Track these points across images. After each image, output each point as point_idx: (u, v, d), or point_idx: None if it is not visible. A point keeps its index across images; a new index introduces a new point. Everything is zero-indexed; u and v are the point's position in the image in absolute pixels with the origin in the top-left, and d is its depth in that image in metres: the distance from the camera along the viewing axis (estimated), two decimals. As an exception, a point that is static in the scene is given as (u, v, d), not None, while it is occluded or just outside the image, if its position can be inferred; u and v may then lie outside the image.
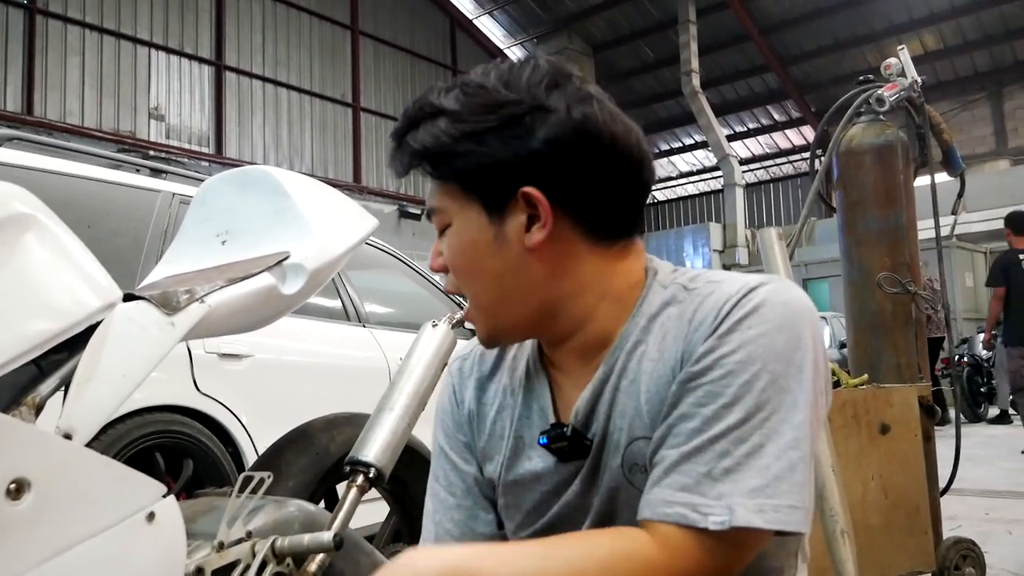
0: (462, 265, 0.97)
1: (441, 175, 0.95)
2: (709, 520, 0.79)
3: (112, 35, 13.91)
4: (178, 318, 1.34)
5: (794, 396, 0.85)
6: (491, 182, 0.93)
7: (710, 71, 19.35)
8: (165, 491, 1.17)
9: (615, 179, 0.95)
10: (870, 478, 2.79)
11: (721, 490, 0.81)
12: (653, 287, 0.98)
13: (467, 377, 1.13)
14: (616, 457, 0.94)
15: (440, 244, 0.99)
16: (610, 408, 0.95)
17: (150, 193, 3.41)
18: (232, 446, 3.31)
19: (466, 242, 0.95)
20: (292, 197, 1.66)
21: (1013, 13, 16.99)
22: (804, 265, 13.12)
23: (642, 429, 0.92)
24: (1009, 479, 6.12)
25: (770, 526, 0.80)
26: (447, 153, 0.92)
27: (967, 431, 8.96)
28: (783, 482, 0.81)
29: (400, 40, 18.94)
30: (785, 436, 0.83)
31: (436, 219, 0.99)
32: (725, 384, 0.84)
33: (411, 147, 0.95)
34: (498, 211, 0.93)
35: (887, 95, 3.18)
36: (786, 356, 0.85)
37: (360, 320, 4.09)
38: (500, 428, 1.06)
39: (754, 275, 0.94)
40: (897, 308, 3.11)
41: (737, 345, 0.85)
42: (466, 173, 0.93)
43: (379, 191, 17.76)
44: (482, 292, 0.97)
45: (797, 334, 0.87)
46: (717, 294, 0.91)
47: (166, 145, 14.23)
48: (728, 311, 0.88)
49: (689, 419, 0.85)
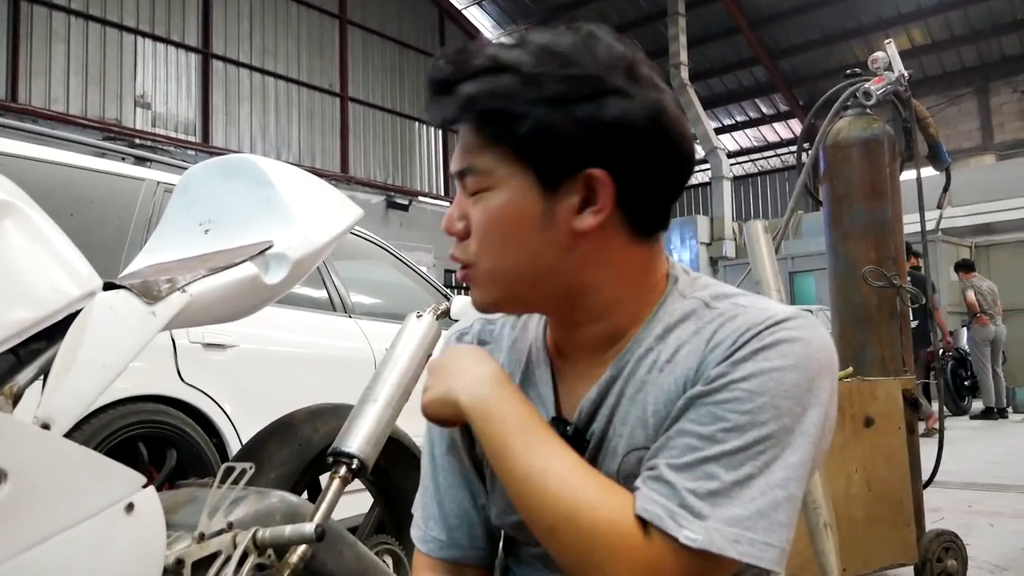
0: (497, 233, 0.91)
1: (496, 135, 0.88)
2: (682, 533, 0.79)
3: (98, 22, 13.80)
4: (159, 307, 1.32)
5: (794, 437, 0.83)
6: (554, 155, 0.88)
7: (699, 64, 19.35)
8: (144, 482, 1.16)
9: (671, 175, 0.92)
10: (854, 471, 2.81)
11: (703, 510, 0.80)
12: (672, 295, 0.96)
13: None
14: (612, 462, 0.93)
15: (464, 206, 0.94)
16: (612, 411, 0.94)
17: (134, 181, 3.38)
18: (216, 436, 3.29)
19: (509, 212, 0.90)
20: (276, 186, 1.65)
21: (1000, 8, 17.05)
22: (791, 258, 13.16)
23: (643, 440, 0.91)
24: (991, 472, 6.18)
25: (742, 558, 0.79)
26: (512, 114, 0.86)
27: (950, 424, 9.05)
28: (764, 518, 0.81)
29: (388, 30, 18.86)
30: (776, 473, 0.82)
31: (472, 180, 0.92)
32: (729, 409, 0.83)
33: (467, 97, 0.88)
34: (552, 186, 0.89)
35: (874, 89, 3.18)
36: (795, 395, 0.84)
37: (346, 310, 4.07)
38: None
39: (783, 307, 0.91)
40: (882, 301, 3.12)
41: (749, 373, 0.84)
42: (528, 139, 0.87)
43: (366, 181, 17.70)
44: (510, 265, 0.92)
45: (811, 376, 0.85)
46: (741, 319, 0.89)
47: (152, 133, 14.13)
48: (748, 339, 0.86)
49: (687, 435, 0.84)
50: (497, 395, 0.92)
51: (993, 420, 9.87)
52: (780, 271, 2.28)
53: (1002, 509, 4.85)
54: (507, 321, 1.10)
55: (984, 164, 17.26)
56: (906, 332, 3.18)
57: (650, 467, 0.86)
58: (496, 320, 1.12)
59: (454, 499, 1.08)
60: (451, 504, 1.08)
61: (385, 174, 18.39)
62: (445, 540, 1.07)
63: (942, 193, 3.67)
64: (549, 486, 0.85)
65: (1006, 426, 9.49)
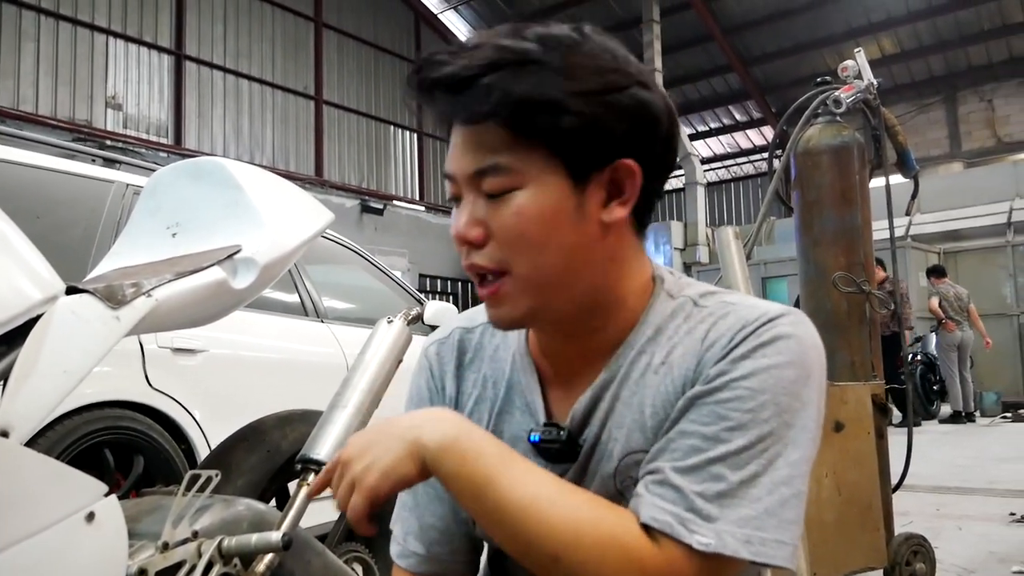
0: (535, 235, 0.86)
1: (526, 131, 0.84)
2: (694, 539, 0.79)
3: (69, 21, 13.63)
4: (123, 312, 1.30)
5: (796, 432, 0.84)
6: (588, 148, 0.86)
7: (673, 70, 19.45)
8: (106, 490, 1.14)
9: (670, 169, 0.95)
10: (824, 475, 2.82)
11: (712, 512, 0.80)
12: (660, 296, 0.96)
13: (446, 362, 1.08)
14: (608, 466, 0.92)
15: (478, 211, 0.88)
16: (606, 416, 0.93)
17: (103, 183, 3.34)
18: (185, 443, 3.26)
19: (545, 209, 0.86)
20: (245, 190, 1.63)
21: (967, 19, 17.29)
22: (763, 264, 13.24)
23: (641, 443, 0.90)
24: (959, 475, 6.24)
25: (755, 559, 0.79)
26: (549, 108, 0.83)
27: (920, 428, 9.14)
28: (773, 517, 0.81)
29: (364, 33, 18.79)
30: (780, 471, 0.82)
31: (496, 180, 0.86)
32: (732, 408, 0.83)
33: (500, 93, 0.83)
34: (583, 180, 0.87)
35: (844, 97, 3.21)
36: (794, 391, 0.85)
37: (318, 315, 4.05)
38: (476, 420, 1.02)
39: (773, 304, 0.92)
40: (852, 307, 3.15)
41: (749, 372, 0.84)
42: (564, 134, 0.84)
43: (341, 185, 17.61)
44: (545, 267, 0.88)
45: (808, 371, 0.86)
46: (733, 317, 0.89)
47: (123, 135, 13.98)
48: (745, 336, 0.86)
49: (690, 436, 0.84)
50: (467, 431, 0.85)
51: (961, 424, 9.99)
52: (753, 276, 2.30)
53: (970, 512, 4.90)
54: (486, 328, 1.07)
55: (952, 172, 17.47)
56: (875, 337, 3.21)
57: (652, 470, 0.85)
58: (475, 328, 1.09)
59: (434, 512, 1.06)
60: (431, 518, 1.06)
61: (360, 178, 18.31)
62: (424, 554, 1.05)
63: (910, 200, 3.71)
64: (546, 513, 0.81)
65: (974, 430, 9.60)
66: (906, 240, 11.67)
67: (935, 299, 10.32)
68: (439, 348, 1.10)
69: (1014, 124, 17.88)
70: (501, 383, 1.02)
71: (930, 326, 10.96)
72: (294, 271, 3.98)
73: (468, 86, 0.84)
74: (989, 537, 4.26)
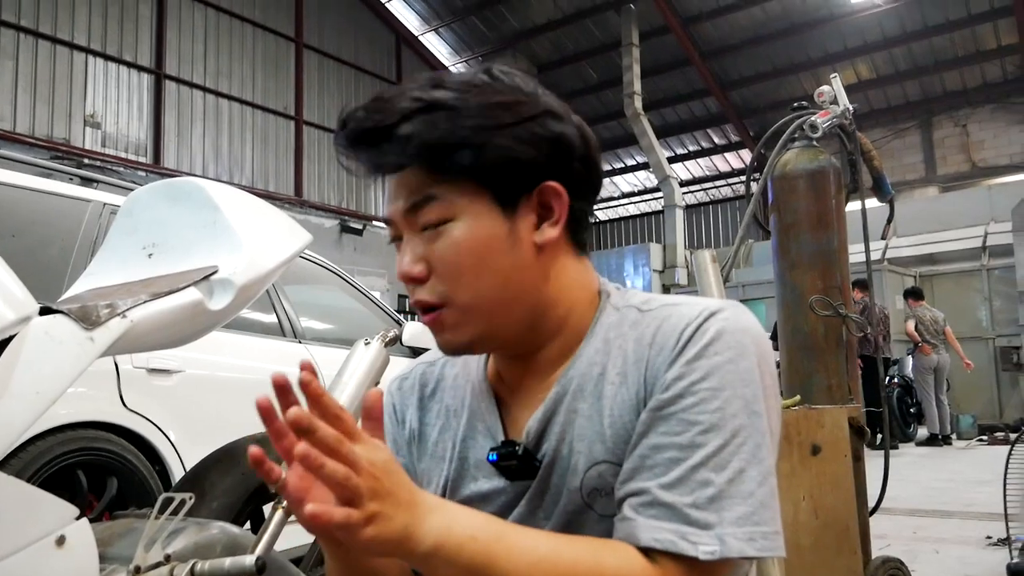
0: (470, 264, 0.90)
1: (450, 169, 0.89)
2: (699, 550, 0.79)
3: (48, 40, 13.57)
4: (97, 333, 1.29)
5: (763, 420, 0.86)
6: (514, 176, 0.91)
7: (652, 94, 19.59)
8: (77, 513, 1.13)
9: (597, 187, 0.99)
10: (801, 498, 2.83)
11: (709, 519, 0.81)
12: (607, 309, 0.98)
13: (408, 396, 1.11)
14: (573, 480, 0.93)
15: (418, 248, 0.92)
16: (564, 429, 0.94)
17: (79, 203, 3.32)
18: (160, 464, 3.22)
19: (479, 238, 0.90)
20: (222, 210, 1.63)
21: (941, 45, 17.53)
22: (742, 286, 13.32)
23: (604, 453, 0.91)
24: (936, 498, 6.27)
25: (760, 554, 0.81)
26: (466, 146, 0.88)
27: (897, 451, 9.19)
28: (767, 509, 0.82)
29: (345, 54, 18.82)
30: (764, 461, 0.84)
31: (429, 210, 0.91)
32: (699, 411, 0.84)
33: (415, 137, 0.88)
34: (512, 206, 0.92)
35: (820, 122, 3.25)
36: (752, 379, 0.87)
37: (296, 336, 4.03)
38: (442, 449, 1.04)
39: (710, 300, 0.95)
40: (828, 330, 3.17)
41: (707, 372, 0.86)
42: (485, 168, 0.89)
43: (321, 205, 17.59)
44: (484, 292, 0.91)
45: (758, 359, 0.89)
46: (675, 318, 0.92)
47: (102, 153, 13.91)
48: (691, 336, 0.89)
49: (666, 449, 0.85)
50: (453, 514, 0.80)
51: (938, 447, 10.04)
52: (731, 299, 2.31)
53: (946, 535, 4.93)
54: (447, 361, 1.10)
55: (928, 195, 17.66)
56: (852, 360, 3.23)
57: (636, 492, 0.85)
58: (436, 362, 1.12)
59: None
60: None
61: (339, 198, 18.28)
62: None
63: (886, 224, 3.76)
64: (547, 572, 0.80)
65: (950, 453, 9.66)
66: (883, 264, 11.78)
67: (911, 322, 10.40)
68: (401, 384, 1.13)
69: (988, 149, 18.11)
70: (463, 411, 1.04)
71: (907, 349, 11.05)
72: (272, 291, 3.96)
73: (387, 138, 0.89)
74: (966, 560, 4.28)
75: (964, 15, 16.70)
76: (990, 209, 13.85)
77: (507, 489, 0.98)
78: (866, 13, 17.09)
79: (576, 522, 0.93)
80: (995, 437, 10.14)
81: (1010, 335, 12.02)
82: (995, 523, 5.08)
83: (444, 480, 1.02)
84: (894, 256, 12.97)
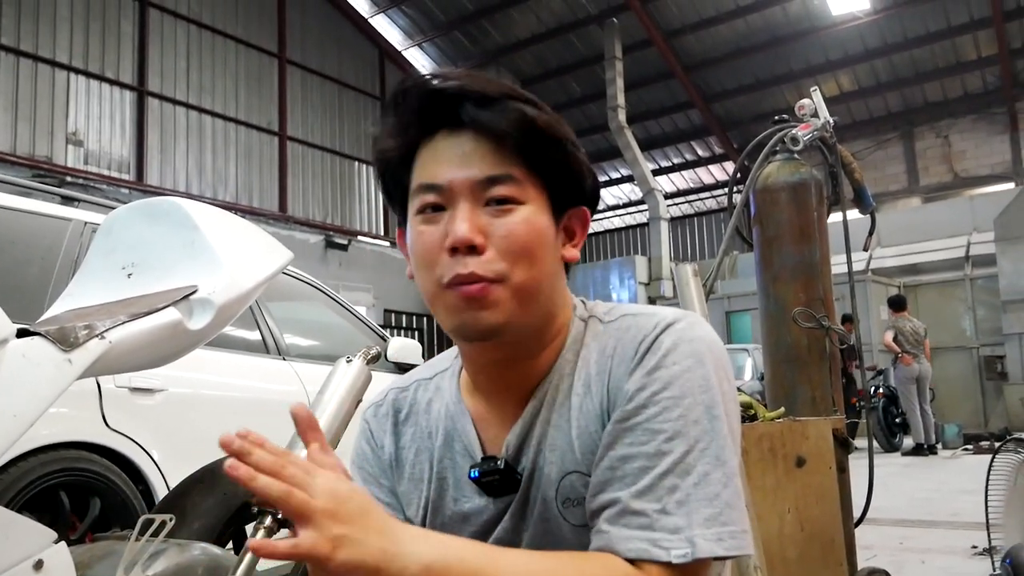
0: (533, 246, 0.92)
1: (534, 156, 0.93)
2: (672, 554, 0.82)
3: (30, 57, 13.51)
4: (76, 355, 1.28)
5: (723, 423, 0.89)
6: (571, 189, 0.97)
7: (636, 107, 19.67)
8: (55, 537, 1.12)
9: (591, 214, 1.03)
10: (786, 511, 2.83)
11: (678, 523, 0.83)
12: (575, 322, 1.01)
13: (383, 421, 1.12)
14: (550, 490, 0.95)
15: (482, 219, 0.91)
16: (540, 442, 0.96)
17: (60, 221, 3.30)
18: (143, 484, 3.20)
19: (542, 227, 0.94)
20: (202, 230, 1.62)
21: (922, 56, 17.70)
22: (727, 298, 13.37)
23: (574, 463, 0.93)
24: (922, 508, 6.29)
25: (729, 553, 0.83)
26: (560, 143, 0.94)
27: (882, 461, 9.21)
28: (733, 509, 0.85)
29: (328, 69, 18.82)
30: (727, 463, 0.87)
31: (506, 188, 0.91)
32: (662, 420, 0.87)
33: (521, 115, 0.92)
34: (559, 216, 0.97)
35: (801, 135, 3.27)
36: (711, 387, 0.90)
37: (280, 353, 4.01)
38: (419, 471, 1.05)
39: (667, 309, 0.98)
40: (812, 342, 3.18)
41: (667, 382, 0.89)
42: (562, 170, 0.95)
43: (305, 221, 17.54)
44: (537, 278, 0.93)
45: (714, 367, 0.91)
46: (633, 330, 0.95)
47: (84, 171, 13.84)
48: (648, 347, 0.92)
49: (633, 459, 0.87)
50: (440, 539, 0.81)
51: (923, 456, 10.07)
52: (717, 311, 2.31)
53: (932, 545, 4.93)
54: (419, 386, 1.12)
55: (910, 206, 17.81)
56: (836, 372, 3.24)
57: (608, 503, 0.87)
58: (409, 386, 1.13)
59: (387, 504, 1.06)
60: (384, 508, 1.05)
61: (324, 213, 18.25)
62: None
63: (868, 236, 3.77)
64: None
65: (936, 462, 9.69)
66: (866, 274, 11.85)
67: (889, 334, 10.45)
68: (376, 410, 1.14)
69: (970, 159, 18.27)
70: (438, 432, 1.05)
71: (891, 359, 11.11)
72: (255, 308, 3.94)
73: (495, 101, 0.91)
74: (952, 570, 4.29)
75: (944, 27, 16.87)
76: (972, 219, 13.97)
77: (489, 506, 0.99)
78: (847, 25, 17.24)
79: (551, 531, 0.95)
80: (980, 446, 10.19)
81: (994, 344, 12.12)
82: (981, 532, 5.08)
83: (424, 501, 1.03)
84: (878, 267, 13.06)
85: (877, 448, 9.31)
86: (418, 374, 1.14)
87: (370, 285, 17.47)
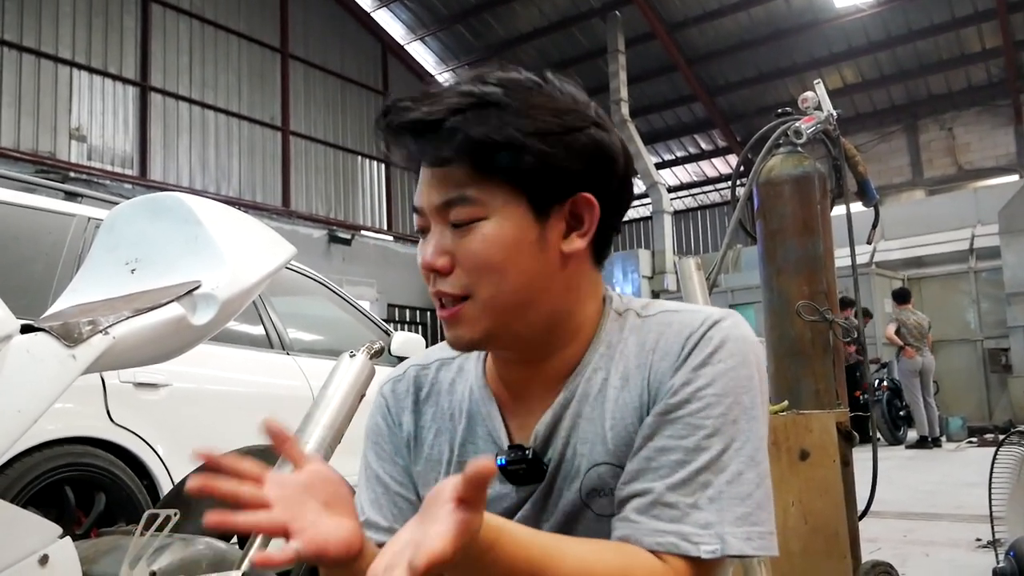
0: (495, 260, 0.91)
1: (488, 169, 0.90)
2: (701, 549, 0.83)
3: (32, 53, 13.52)
4: (80, 350, 1.29)
5: (760, 424, 0.90)
6: (551, 184, 0.92)
7: (639, 100, 19.63)
8: (60, 532, 1.12)
9: (628, 202, 1.01)
10: (790, 504, 2.83)
11: (708, 519, 0.84)
12: (610, 315, 1.00)
13: (403, 399, 1.10)
14: (575, 483, 0.95)
15: (445, 241, 0.92)
16: (569, 434, 0.96)
17: (64, 217, 3.31)
18: (148, 479, 3.21)
19: (507, 238, 0.91)
20: (205, 225, 1.62)
21: (926, 49, 17.64)
22: (731, 291, 13.35)
23: (604, 455, 0.94)
24: (926, 501, 6.28)
25: (757, 553, 0.84)
26: (509, 148, 0.89)
27: (887, 453, 9.21)
28: (763, 510, 0.86)
29: (330, 64, 18.80)
30: (761, 464, 0.88)
31: (463, 210, 0.91)
32: (704, 416, 0.88)
33: (463, 135, 0.88)
34: (544, 213, 0.93)
35: (804, 127, 3.25)
36: (751, 388, 0.91)
37: (284, 347, 4.02)
38: (438, 453, 1.05)
39: (709, 308, 0.98)
40: (815, 336, 3.17)
41: (712, 379, 0.89)
42: (524, 171, 0.90)
43: (308, 215, 17.55)
44: (506, 292, 0.92)
45: (755, 368, 0.92)
46: (678, 325, 0.95)
47: (87, 166, 13.85)
48: (696, 344, 0.92)
49: (671, 452, 0.88)
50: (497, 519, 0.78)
51: (928, 449, 10.07)
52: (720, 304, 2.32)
53: (936, 538, 4.94)
54: (441, 364, 1.10)
55: (914, 199, 17.75)
56: (839, 365, 3.24)
57: (640, 492, 0.87)
58: (430, 364, 1.11)
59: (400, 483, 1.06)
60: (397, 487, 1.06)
61: (327, 208, 18.25)
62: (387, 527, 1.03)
63: (871, 229, 3.76)
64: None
65: (940, 455, 9.68)
66: (870, 267, 11.83)
67: (891, 326, 10.43)
68: (394, 386, 1.12)
69: (974, 151, 18.22)
70: (461, 415, 1.04)
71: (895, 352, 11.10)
72: (259, 303, 3.95)
73: (433, 130, 0.89)
74: (956, 563, 4.29)
75: (948, 18, 16.81)
76: (976, 212, 13.93)
77: (511, 494, 0.99)
78: (851, 18, 17.18)
79: (573, 521, 0.95)
80: (984, 439, 10.17)
81: (998, 337, 12.09)
82: (985, 525, 5.07)
83: None
84: (882, 259, 13.03)
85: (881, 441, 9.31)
86: (438, 353, 1.11)
87: (373, 279, 17.49)
